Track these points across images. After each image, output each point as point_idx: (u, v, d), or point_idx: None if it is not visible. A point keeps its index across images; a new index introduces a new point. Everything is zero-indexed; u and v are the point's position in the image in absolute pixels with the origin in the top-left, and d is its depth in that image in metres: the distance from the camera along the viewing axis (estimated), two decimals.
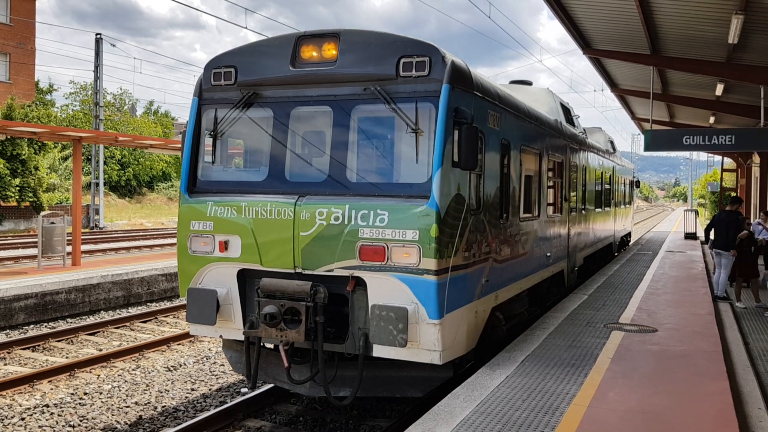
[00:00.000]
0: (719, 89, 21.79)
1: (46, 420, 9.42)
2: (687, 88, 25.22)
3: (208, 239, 8.51)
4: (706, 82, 22.32)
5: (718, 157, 49.97)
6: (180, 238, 8.74)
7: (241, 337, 8.31)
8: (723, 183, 46.11)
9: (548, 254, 12.80)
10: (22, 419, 9.43)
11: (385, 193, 7.79)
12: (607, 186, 21.98)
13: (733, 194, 34.38)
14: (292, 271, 8.00)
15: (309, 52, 8.33)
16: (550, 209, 13.17)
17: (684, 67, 20.14)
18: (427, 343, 7.54)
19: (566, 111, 15.79)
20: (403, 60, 7.85)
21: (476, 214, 8.46)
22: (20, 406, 9.97)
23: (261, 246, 8.15)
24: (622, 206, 27.04)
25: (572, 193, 15.48)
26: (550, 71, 40.39)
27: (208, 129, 8.90)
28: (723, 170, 47.17)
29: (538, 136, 11.84)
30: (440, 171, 7.48)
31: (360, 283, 7.74)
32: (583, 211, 17.07)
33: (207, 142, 8.95)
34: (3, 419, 9.39)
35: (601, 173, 20.58)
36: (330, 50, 8.22)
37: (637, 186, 33.95)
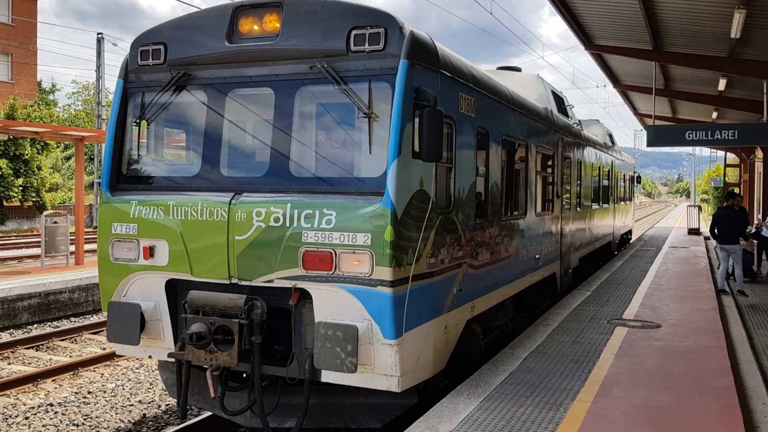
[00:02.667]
0: (722, 84, 21.73)
1: (50, 419, 9.43)
2: (689, 84, 25.17)
3: (132, 244, 7.43)
4: (708, 77, 22.26)
5: (721, 153, 49.88)
6: (100, 244, 7.66)
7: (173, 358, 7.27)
8: (726, 178, 46.03)
9: (537, 256, 11.83)
10: (26, 418, 9.44)
11: (333, 190, 6.71)
12: (606, 181, 21.04)
13: (729, 189, 34.36)
14: (227, 281, 6.95)
15: (248, 25, 7.22)
16: (540, 207, 12.27)
17: (686, 62, 20.09)
18: (383, 367, 6.49)
19: (559, 100, 14.76)
20: (354, 32, 6.73)
21: (446, 214, 7.46)
22: (24, 405, 9.99)
23: (191, 252, 7.09)
24: (622, 203, 25.89)
25: (566, 189, 14.52)
26: (552, 67, 40.36)
27: (134, 116, 7.79)
28: (726, 165, 47.09)
29: (524, 125, 10.81)
30: (396, 163, 6.39)
31: (306, 296, 6.71)
32: (579, 209, 16.13)
33: (134, 131, 7.86)
34: (7, 418, 9.41)
35: (599, 168, 19.56)
36: (272, 22, 7.10)
37: (638, 182, 33.39)
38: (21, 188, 38.87)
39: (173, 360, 7.21)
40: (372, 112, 6.68)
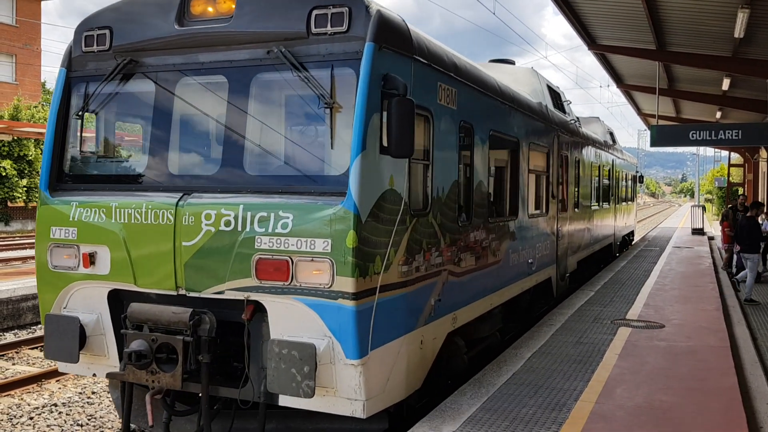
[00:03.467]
0: (725, 84, 21.69)
1: (55, 419, 9.46)
2: (693, 83, 25.11)
3: (72, 251, 6.73)
4: (712, 76, 22.21)
5: (725, 153, 49.75)
6: (38, 250, 6.96)
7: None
8: (730, 178, 45.93)
9: (530, 260, 11.18)
10: (31, 418, 9.46)
11: (292, 189, 6.05)
12: (606, 181, 20.35)
13: (739, 195, 34.28)
14: (175, 293, 6.30)
15: (200, 6, 6.55)
16: (533, 208, 11.60)
17: (690, 61, 20.04)
18: (347, 390, 5.84)
19: (554, 95, 13.93)
20: (315, 12, 6.06)
21: (422, 216, 6.82)
22: (29, 405, 10.01)
23: (135, 260, 6.41)
24: (624, 203, 25.17)
25: (562, 189, 13.90)
26: (555, 67, 40.32)
27: (76, 109, 7.07)
28: (730, 165, 46.99)
29: (514, 120, 10.14)
30: (360, 159, 5.73)
31: (261, 309, 6.05)
32: (577, 209, 15.49)
33: (77, 125, 7.15)
34: (12, 418, 9.44)
35: (599, 167, 18.81)
36: (226, 2, 6.47)
37: (641, 181, 32.69)
38: (25, 189, 38.97)
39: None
40: (335, 101, 6.01)
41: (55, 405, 9.99)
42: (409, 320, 6.60)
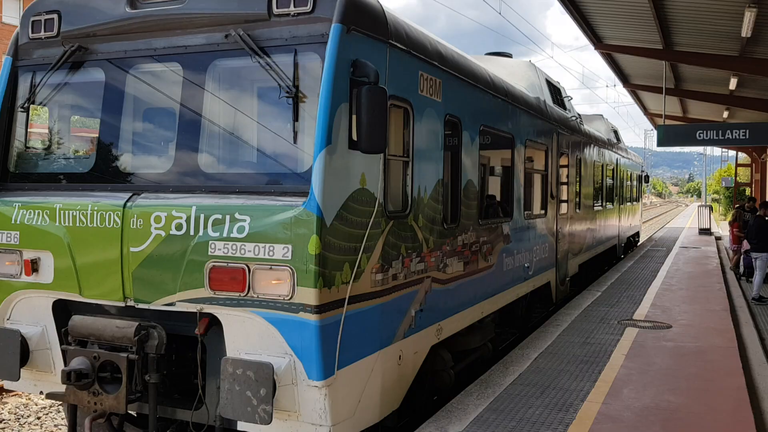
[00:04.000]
0: (733, 83, 21.61)
1: (62, 419, 9.49)
2: (700, 83, 25.03)
3: (14, 256, 6.14)
4: (719, 76, 22.13)
5: (732, 152, 49.60)
6: None
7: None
8: (737, 178, 45.77)
9: (527, 264, 10.60)
10: (38, 418, 9.50)
11: (250, 189, 5.49)
12: (610, 180, 19.67)
13: (747, 196, 34.18)
14: (123, 304, 5.72)
15: None
16: (530, 208, 11.02)
17: (697, 61, 19.98)
18: (310, 414, 5.27)
19: (554, 90, 13.32)
20: None
21: (400, 218, 6.27)
22: (36, 405, 10.05)
23: (80, 268, 5.82)
24: (628, 203, 24.33)
25: (562, 189, 13.30)
26: (562, 67, 40.27)
27: (22, 101, 6.48)
28: (737, 165, 46.83)
29: (509, 115, 9.54)
30: (325, 155, 5.14)
31: (217, 323, 5.48)
32: (578, 210, 14.89)
33: (23, 118, 6.60)
34: (19, 418, 9.47)
35: (602, 166, 18.15)
36: None
37: (646, 181, 32.02)
38: None
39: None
40: (298, 90, 5.41)
41: (62, 405, 10.02)
42: (384, 334, 6.02)
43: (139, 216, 5.61)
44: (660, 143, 20.54)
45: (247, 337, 5.34)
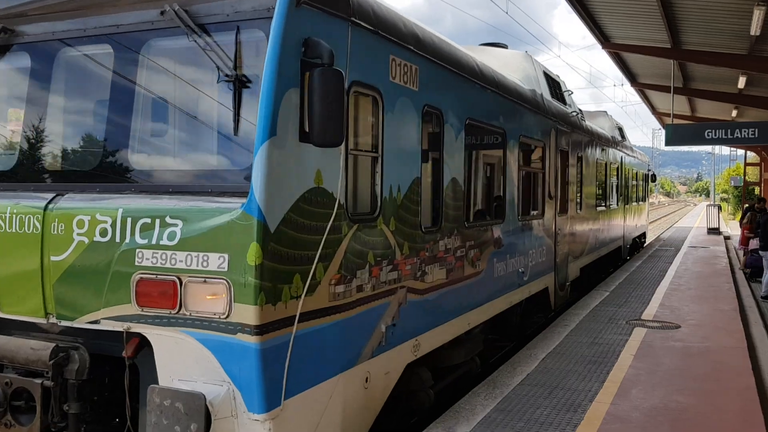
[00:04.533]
0: (741, 82, 21.51)
1: None
2: (708, 82, 24.94)
3: None
4: (728, 74, 22.05)
5: (741, 151, 49.37)
6: None
7: None
8: (746, 177, 45.54)
9: (521, 270, 9.88)
10: None
11: (185, 188, 4.84)
12: (614, 180, 18.90)
13: (756, 196, 34.02)
14: (45, 321, 5.05)
15: None
16: (525, 209, 10.29)
17: (705, 59, 19.92)
18: None
19: (553, 83, 12.57)
20: None
21: (367, 221, 5.63)
22: None
23: None
24: (634, 203, 23.45)
25: (562, 188, 12.56)
26: (569, 66, 40.18)
27: None
28: (746, 164, 46.61)
29: (499, 109, 8.85)
30: (268, 148, 4.44)
31: (148, 344, 4.79)
32: (579, 211, 14.13)
33: None
34: None
35: (605, 164, 17.37)
36: None
37: (653, 180, 31.20)
38: None
39: None
40: (241, 73, 4.76)
41: None
42: (346, 354, 5.33)
43: (60, 220, 4.91)
44: (668, 142, 20.47)
45: (180, 361, 4.61)
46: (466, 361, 8.31)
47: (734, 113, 30.17)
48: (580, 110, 14.54)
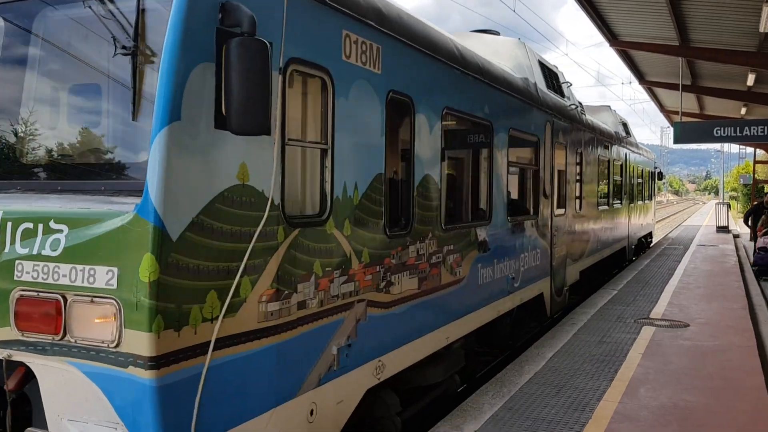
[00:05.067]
0: (750, 79, 21.39)
1: None
2: (717, 79, 24.81)
3: None
4: (736, 72, 21.92)
5: (750, 149, 49.08)
6: None
7: None
8: (756, 175, 45.29)
9: (512, 276, 9.17)
10: None
11: (76, 187, 4.06)
12: (618, 177, 18.04)
13: (765, 193, 33.82)
14: None
15: None
16: (515, 209, 9.61)
17: (714, 57, 19.81)
18: None
19: (549, 74, 11.78)
20: None
21: (312, 225, 4.81)
22: None
23: None
24: (639, 201, 22.56)
25: (559, 187, 11.85)
26: (576, 65, 40.09)
27: None
28: (756, 162, 46.32)
29: (485, 98, 8.06)
30: (168, 136, 3.63)
31: (34, 376, 4.00)
32: (579, 210, 13.32)
33: None
34: None
35: (608, 161, 16.50)
36: None
37: (660, 178, 29.96)
38: None
39: None
40: (142, 45, 3.94)
41: None
42: (283, 384, 4.50)
43: None
44: (677, 140, 20.36)
45: (69, 397, 3.80)
46: (445, 380, 7.48)
47: (743, 111, 30.00)
48: (580, 103, 13.77)
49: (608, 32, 19.51)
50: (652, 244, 27.42)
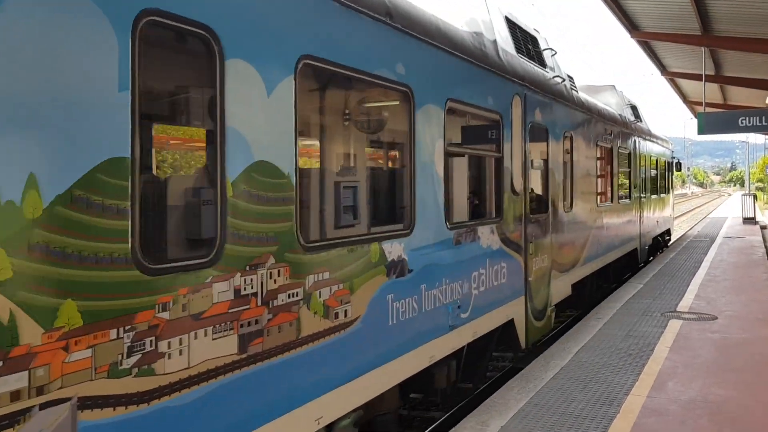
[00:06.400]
0: None
1: None
2: (741, 69, 24.41)
3: None
4: (760, 61, 21.55)
5: None
6: None
7: None
8: None
9: (455, 304, 6.75)
10: None
11: None
12: (624, 168, 15.77)
13: None
14: None
15: None
16: (463, 212, 7.83)
17: (737, 46, 19.50)
18: None
19: (521, 35, 9.40)
20: None
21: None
22: None
23: None
24: (654, 196, 20.07)
25: (539, 181, 9.73)
26: (596, 58, 39.73)
27: None
28: None
29: (394, 50, 5.71)
30: None
31: None
32: (569, 210, 10.94)
33: None
34: None
35: (611, 149, 14.10)
36: None
37: (678, 169, 26.94)
38: None
39: None
40: None
41: None
42: None
43: None
44: (701, 131, 20.07)
45: None
46: None
47: None
48: (569, 77, 11.54)
49: (629, 23, 19.30)
50: (670, 243, 24.93)
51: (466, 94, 7.15)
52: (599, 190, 13.38)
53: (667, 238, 24.42)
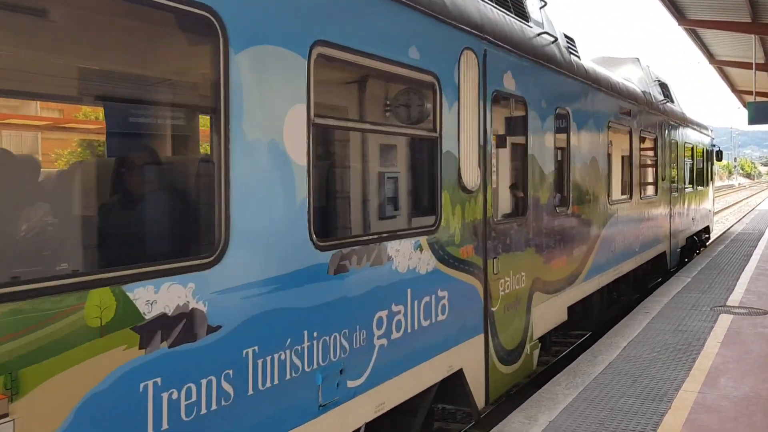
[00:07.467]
0: None
1: None
2: None
3: None
4: None
5: None
6: None
7: None
8: None
9: (341, 368, 4.46)
10: None
11: None
12: (650, 156, 13.49)
13: None
14: None
15: None
16: (369, 221, 5.95)
17: None
18: None
19: None
20: None
21: None
22: None
23: None
24: (689, 189, 17.56)
25: (514, 174, 7.85)
26: (642, 46, 38.92)
27: None
28: None
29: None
30: None
31: None
32: (567, 208, 8.74)
33: None
34: None
35: (630, 132, 11.79)
36: None
37: (719, 159, 24.18)
38: None
39: None
40: None
41: None
42: None
43: None
44: (752, 121, 19.58)
45: None
46: None
47: None
48: (568, 38, 9.31)
49: (676, 11, 18.91)
50: (709, 242, 22.05)
51: (357, 38, 4.56)
52: (612, 183, 10.84)
53: (705, 236, 21.28)
